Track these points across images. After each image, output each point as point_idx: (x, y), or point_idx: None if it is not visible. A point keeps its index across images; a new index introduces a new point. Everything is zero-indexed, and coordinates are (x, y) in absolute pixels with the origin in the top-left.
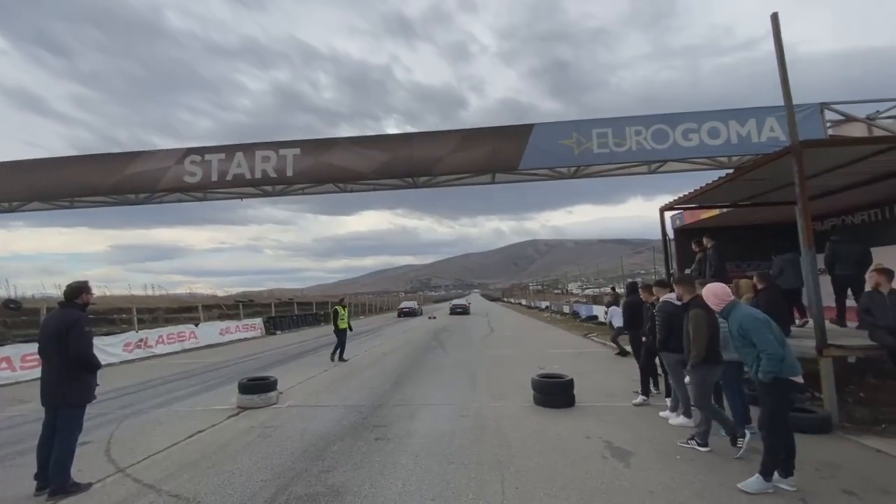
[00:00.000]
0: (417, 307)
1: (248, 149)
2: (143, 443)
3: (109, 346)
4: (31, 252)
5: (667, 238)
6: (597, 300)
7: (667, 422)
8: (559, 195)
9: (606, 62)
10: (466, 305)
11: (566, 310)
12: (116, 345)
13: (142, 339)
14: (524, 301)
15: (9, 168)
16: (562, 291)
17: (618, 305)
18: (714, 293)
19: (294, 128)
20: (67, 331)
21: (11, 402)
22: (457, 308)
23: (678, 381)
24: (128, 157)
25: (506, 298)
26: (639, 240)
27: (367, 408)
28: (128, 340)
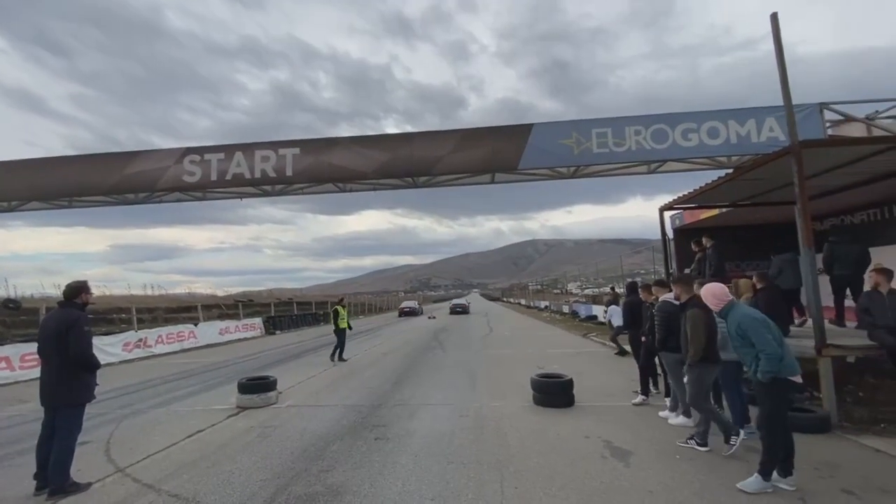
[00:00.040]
0: (418, 306)
1: (248, 148)
2: (143, 442)
3: (109, 346)
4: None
5: (666, 238)
6: (596, 300)
7: (666, 421)
8: (559, 195)
9: (605, 62)
10: (466, 305)
11: (565, 309)
12: (116, 344)
13: (141, 339)
14: (524, 301)
15: (8, 168)
16: (561, 291)
17: (617, 304)
18: (713, 293)
19: (294, 127)
20: (67, 331)
21: (11, 402)
22: (457, 308)
23: (677, 381)
24: (127, 157)
25: (505, 298)
26: (638, 239)
27: (367, 407)
28: (127, 340)
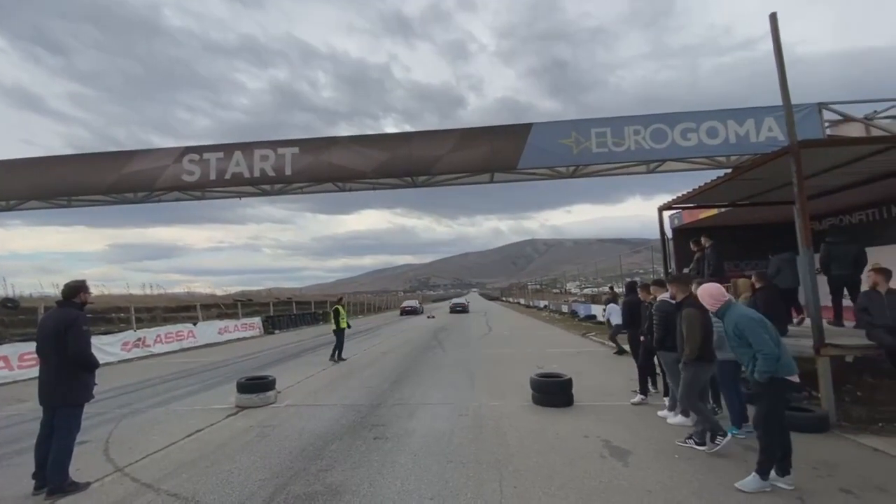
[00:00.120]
0: (419, 305)
1: (247, 147)
2: (142, 442)
3: (107, 346)
4: (29, 251)
5: (665, 237)
6: (595, 299)
7: (665, 421)
8: (558, 194)
9: (605, 62)
10: (465, 304)
11: (565, 309)
12: (114, 344)
13: (140, 339)
14: (523, 300)
15: (7, 167)
16: (560, 291)
17: (616, 303)
18: (709, 293)
19: (293, 127)
20: (65, 330)
21: (9, 402)
22: (456, 307)
23: (676, 381)
24: (126, 156)
25: (504, 298)
26: (637, 239)
27: (366, 407)
28: (126, 339)
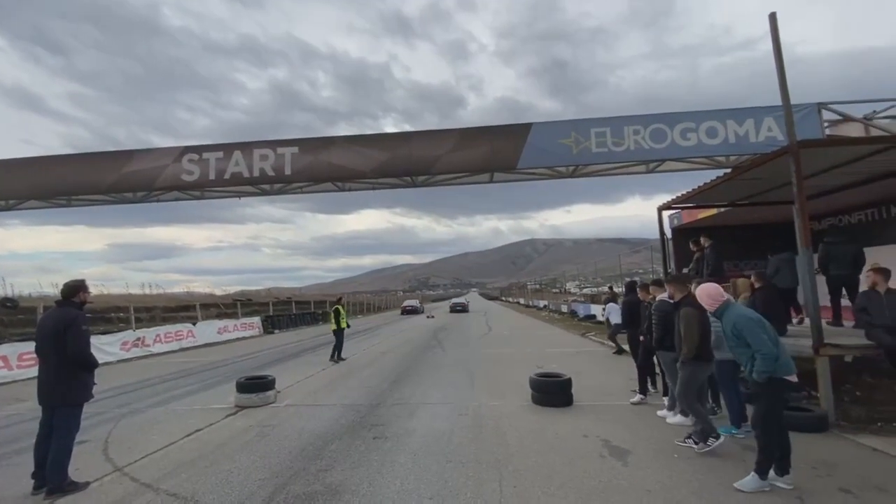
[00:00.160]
0: (420, 305)
1: (246, 147)
2: (141, 442)
3: (107, 345)
4: (29, 250)
5: (665, 237)
6: (595, 299)
7: (664, 420)
8: (557, 194)
9: (605, 62)
10: (465, 304)
11: (564, 309)
12: (114, 343)
13: (139, 338)
14: (522, 300)
15: (6, 166)
16: (560, 290)
17: (615, 302)
18: (707, 293)
19: (292, 126)
20: (65, 330)
21: (8, 401)
22: (456, 306)
23: (675, 380)
24: (125, 156)
25: (504, 297)
26: (637, 239)
27: (366, 407)
28: (125, 339)
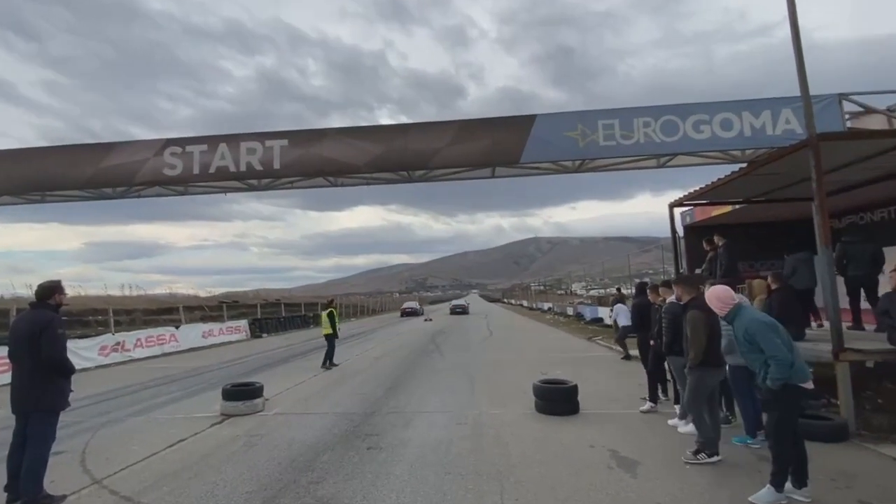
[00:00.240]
0: (419, 307)
1: (233, 140)
2: (121, 452)
3: (84, 350)
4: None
5: (676, 236)
6: (602, 301)
7: (676, 430)
8: (563, 190)
9: (614, 48)
10: (466, 306)
11: (570, 311)
12: (92, 348)
13: (119, 343)
14: (525, 302)
15: None
16: (565, 292)
17: (623, 303)
18: (717, 296)
19: (282, 117)
20: (39, 333)
21: None
22: (457, 308)
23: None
24: (103, 149)
25: (506, 299)
26: (646, 237)
27: (359, 415)
28: (104, 343)
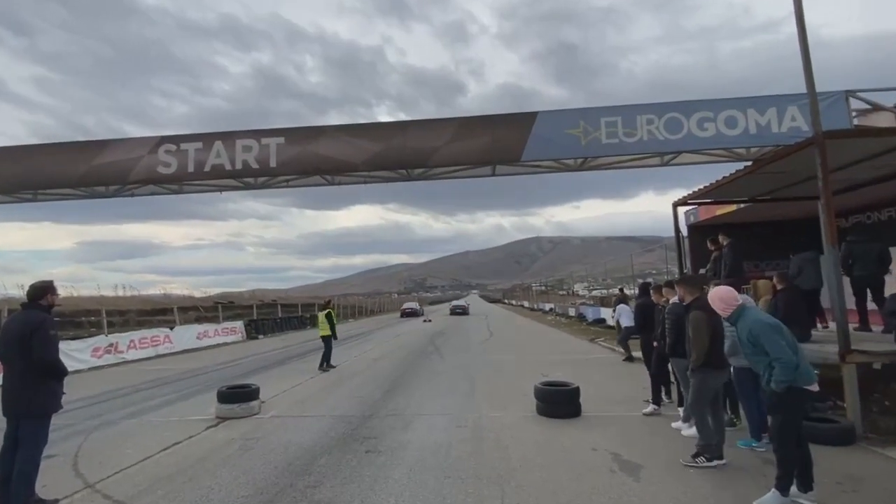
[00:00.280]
0: (419, 307)
1: (228, 137)
2: (114, 456)
3: (77, 352)
4: None
5: (680, 235)
6: (605, 302)
7: (679, 433)
8: (565, 189)
9: (616, 44)
10: (466, 306)
11: (572, 312)
12: (84, 350)
13: (112, 344)
14: (526, 303)
15: None
16: (567, 292)
17: (626, 303)
18: (720, 297)
19: (278, 115)
20: (31, 334)
21: None
22: (457, 309)
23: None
24: (96, 146)
25: (507, 300)
26: (650, 237)
27: (357, 418)
28: (97, 345)
